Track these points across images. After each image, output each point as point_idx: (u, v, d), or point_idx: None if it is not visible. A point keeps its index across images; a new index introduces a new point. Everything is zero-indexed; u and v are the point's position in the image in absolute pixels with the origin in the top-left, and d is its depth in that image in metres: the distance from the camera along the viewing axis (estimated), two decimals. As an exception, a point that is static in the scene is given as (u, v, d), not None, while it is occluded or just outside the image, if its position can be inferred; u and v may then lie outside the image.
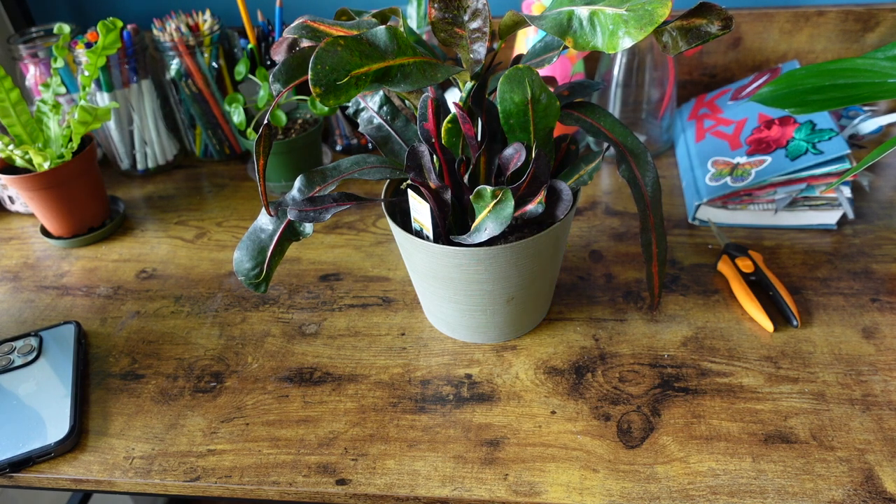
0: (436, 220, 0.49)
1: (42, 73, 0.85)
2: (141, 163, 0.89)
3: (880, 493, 0.44)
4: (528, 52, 0.52)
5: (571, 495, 0.45)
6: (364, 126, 0.54)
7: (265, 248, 0.49)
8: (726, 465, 0.46)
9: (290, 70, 0.39)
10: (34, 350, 0.59)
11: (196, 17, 0.84)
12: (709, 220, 0.69)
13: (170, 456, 0.51)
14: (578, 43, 0.38)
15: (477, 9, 0.43)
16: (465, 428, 0.51)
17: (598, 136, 0.50)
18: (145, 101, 0.86)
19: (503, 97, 0.45)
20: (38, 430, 0.52)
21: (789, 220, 0.67)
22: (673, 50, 0.39)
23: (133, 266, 0.73)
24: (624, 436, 0.49)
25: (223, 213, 0.80)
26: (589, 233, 0.70)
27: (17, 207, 0.84)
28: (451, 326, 0.58)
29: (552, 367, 0.55)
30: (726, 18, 0.38)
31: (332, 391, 0.55)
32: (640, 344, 0.56)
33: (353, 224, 0.75)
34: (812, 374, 0.52)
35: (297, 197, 0.48)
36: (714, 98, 0.82)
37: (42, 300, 0.69)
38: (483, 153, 0.50)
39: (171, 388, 0.57)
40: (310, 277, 0.68)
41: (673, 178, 0.77)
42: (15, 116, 0.71)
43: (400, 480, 0.47)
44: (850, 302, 0.58)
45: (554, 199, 0.49)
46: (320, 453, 0.50)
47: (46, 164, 0.71)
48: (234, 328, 0.62)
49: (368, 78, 0.36)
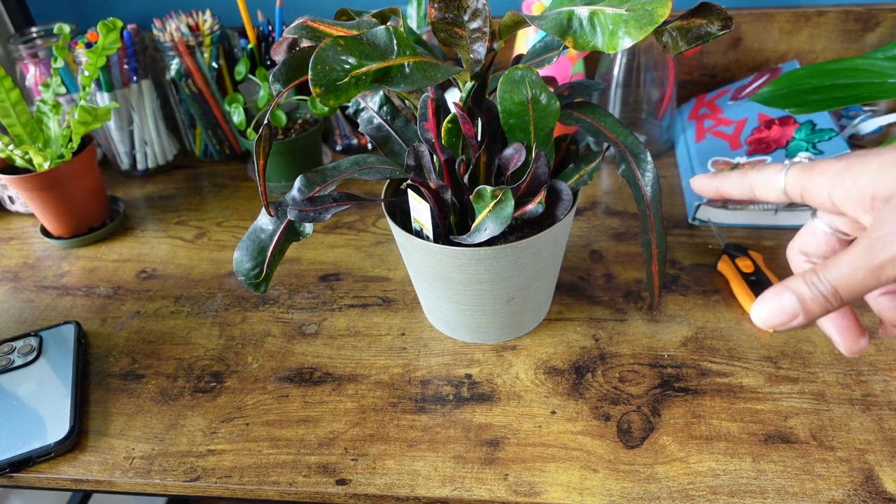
0: (436, 220, 0.49)
1: (42, 73, 0.85)
2: (141, 163, 0.89)
3: (880, 493, 0.44)
4: (528, 52, 0.52)
5: (571, 495, 0.45)
6: (364, 126, 0.54)
7: (265, 248, 0.49)
8: (726, 465, 0.46)
9: (290, 70, 0.39)
10: (34, 350, 0.59)
11: (196, 17, 0.84)
12: (709, 220, 0.69)
13: (170, 456, 0.51)
14: (578, 43, 0.38)
15: (477, 9, 0.43)
16: (465, 428, 0.51)
17: (598, 136, 0.50)
18: (145, 101, 0.86)
19: (503, 97, 0.45)
20: (38, 430, 0.52)
21: (789, 220, 0.67)
22: (673, 50, 0.39)
23: (133, 266, 0.72)
24: (624, 436, 0.49)
25: (223, 213, 0.80)
26: (589, 233, 0.70)
27: (17, 207, 0.84)
28: (451, 326, 0.58)
29: (552, 367, 0.55)
30: (726, 18, 0.38)
31: (332, 391, 0.55)
32: (640, 344, 0.56)
33: (353, 224, 0.75)
34: (812, 374, 0.52)
35: (297, 197, 0.48)
36: (714, 98, 0.82)
37: (42, 300, 0.69)
38: (483, 153, 0.50)
39: (171, 388, 0.57)
40: (310, 277, 0.68)
41: (673, 178, 0.77)
42: (15, 116, 0.71)
43: (400, 480, 0.47)
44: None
45: (554, 199, 0.49)
46: (320, 453, 0.50)
47: (46, 164, 0.71)
48: (234, 328, 0.62)
49: (368, 78, 0.36)
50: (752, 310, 0.31)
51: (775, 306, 0.30)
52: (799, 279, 0.30)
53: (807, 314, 0.30)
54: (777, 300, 0.30)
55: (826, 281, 0.29)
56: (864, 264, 0.29)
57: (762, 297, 0.31)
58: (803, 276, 0.30)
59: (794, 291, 0.30)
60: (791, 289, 0.30)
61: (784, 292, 0.30)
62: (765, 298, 0.31)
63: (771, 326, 0.31)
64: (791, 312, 0.30)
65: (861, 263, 0.29)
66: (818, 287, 0.29)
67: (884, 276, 0.28)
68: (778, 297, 0.30)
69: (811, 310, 0.30)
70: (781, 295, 0.30)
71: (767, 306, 0.31)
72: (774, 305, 0.30)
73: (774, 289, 0.31)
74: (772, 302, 0.30)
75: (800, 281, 0.30)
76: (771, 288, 0.31)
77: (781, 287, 0.30)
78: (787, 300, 0.30)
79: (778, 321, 0.30)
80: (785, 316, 0.30)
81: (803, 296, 0.30)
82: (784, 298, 0.30)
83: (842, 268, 0.29)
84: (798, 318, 0.30)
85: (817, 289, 0.29)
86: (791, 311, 0.30)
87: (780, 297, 0.30)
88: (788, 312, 0.30)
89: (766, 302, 0.31)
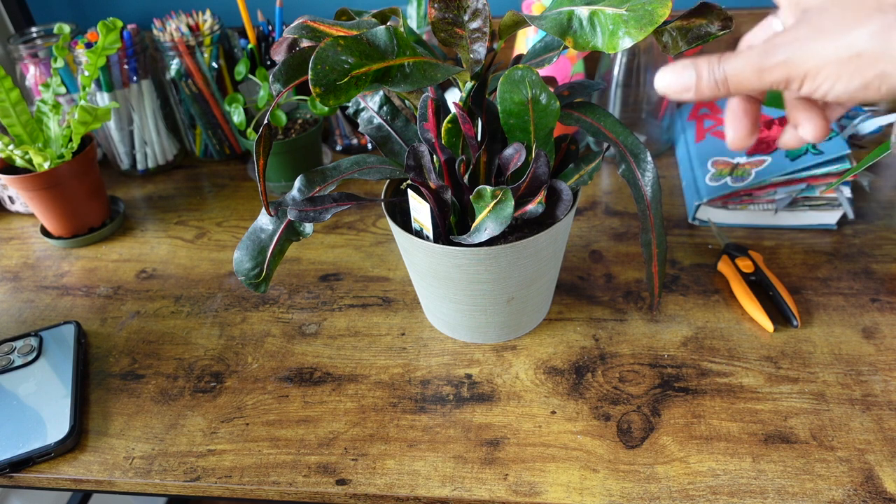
0: (436, 220, 0.49)
1: (42, 73, 0.85)
2: (141, 163, 0.89)
3: (880, 493, 0.44)
4: (528, 52, 0.52)
5: (571, 495, 0.45)
6: (364, 126, 0.54)
7: (265, 248, 0.49)
8: (726, 465, 0.46)
9: (290, 70, 0.39)
10: (34, 350, 0.59)
11: (196, 17, 0.84)
12: (709, 220, 0.69)
13: (170, 456, 0.51)
14: (578, 43, 0.38)
15: (477, 9, 0.43)
16: (465, 428, 0.51)
17: (598, 136, 0.50)
18: (145, 101, 0.86)
19: (503, 97, 0.45)
20: (38, 430, 0.52)
21: (789, 220, 0.67)
22: (673, 50, 0.39)
23: (133, 266, 0.73)
24: (624, 436, 0.49)
25: (223, 213, 0.80)
26: (589, 233, 0.70)
27: (17, 207, 0.84)
28: (451, 326, 0.58)
29: (552, 367, 0.55)
30: (726, 18, 0.38)
31: (332, 391, 0.55)
32: (640, 344, 0.56)
33: (353, 224, 0.75)
34: (812, 374, 0.52)
35: (297, 197, 0.48)
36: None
37: (42, 300, 0.69)
38: (483, 153, 0.50)
39: (171, 388, 0.57)
40: (310, 277, 0.68)
41: (673, 178, 0.77)
42: (15, 116, 0.71)
43: (400, 480, 0.47)
44: (850, 302, 0.58)
45: (554, 199, 0.49)
46: (320, 453, 0.50)
47: (46, 164, 0.71)
48: (234, 328, 0.62)
49: (368, 78, 0.36)
50: (657, 74, 0.35)
51: (676, 77, 0.35)
52: (704, 61, 0.34)
53: (698, 92, 0.34)
54: (680, 72, 0.34)
55: (721, 70, 0.33)
56: (755, 63, 0.32)
57: (672, 65, 0.35)
58: (708, 59, 0.34)
59: (696, 70, 0.34)
60: (695, 66, 0.34)
61: (689, 67, 0.34)
62: (673, 68, 0.35)
63: (666, 93, 0.35)
64: (686, 86, 0.34)
65: (753, 62, 0.32)
66: (714, 73, 0.33)
67: (767, 79, 0.32)
68: (682, 69, 0.34)
69: (701, 89, 0.34)
70: (685, 69, 0.34)
71: (671, 75, 0.35)
72: (676, 76, 0.35)
73: (683, 62, 0.34)
74: (676, 73, 0.35)
75: (704, 63, 0.34)
76: (681, 60, 0.34)
77: (690, 62, 0.34)
78: (687, 75, 0.34)
79: (672, 90, 0.35)
80: (679, 87, 0.35)
81: (701, 75, 0.34)
82: (686, 73, 0.34)
83: (737, 62, 0.33)
84: (690, 91, 0.34)
85: (713, 74, 0.34)
86: (686, 85, 0.34)
87: (684, 70, 0.34)
88: (684, 85, 0.34)
89: (671, 71, 0.35)
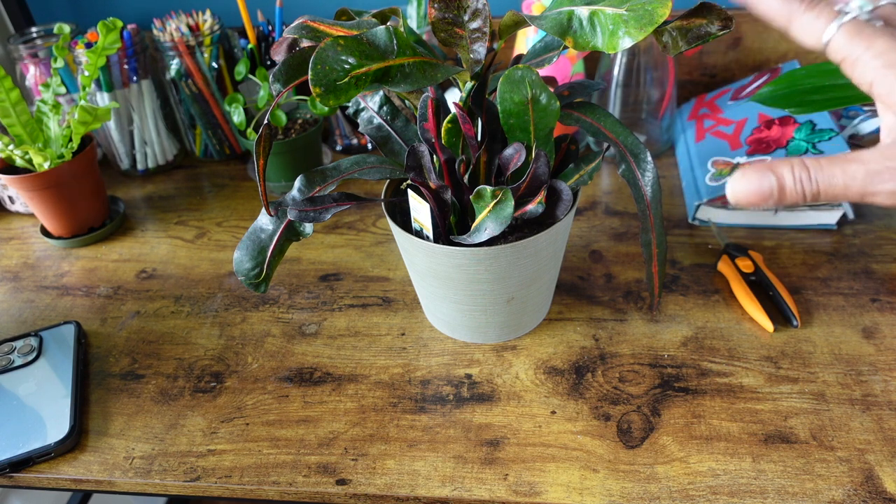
0: (436, 220, 0.49)
1: (42, 73, 0.85)
2: (141, 163, 0.89)
3: (880, 493, 0.44)
4: (528, 52, 0.52)
5: (571, 495, 0.45)
6: (364, 126, 0.54)
7: (265, 248, 0.49)
8: (726, 465, 0.46)
9: (290, 70, 0.39)
10: (34, 350, 0.59)
11: (196, 17, 0.84)
12: (709, 220, 0.69)
13: (170, 456, 0.51)
14: (578, 43, 0.38)
15: (477, 9, 0.43)
16: (465, 428, 0.51)
17: (598, 136, 0.50)
18: (145, 101, 0.86)
19: (503, 97, 0.45)
20: (38, 430, 0.52)
21: (789, 220, 0.67)
22: (673, 50, 0.39)
23: (133, 266, 0.73)
24: (624, 436, 0.49)
25: (223, 213, 0.80)
26: (589, 233, 0.70)
27: (17, 207, 0.84)
28: (451, 326, 0.58)
29: (552, 367, 0.55)
30: (726, 18, 0.38)
31: (332, 391, 0.55)
32: (640, 344, 0.56)
33: (353, 224, 0.75)
34: (812, 374, 0.52)
35: (297, 197, 0.48)
36: (714, 98, 0.82)
37: (42, 300, 0.69)
38: (483, 153, 0.50)
39: (171, 388, 0.57)
40: (310, 277, 0.68)
41: (673, 178, 0.77)
42: (15, 116, 0.71)
43: (400, 480, 0.47)
44: (850, 302, 0.58)
45: (554, 199, 0.49)
46: (320, 453, 0.50)
47: (46, 164, 0.71)
48: (234, 328, 0.62)
49: (368, 78, 0.36)
50: (729, 182, 0.30)
51: (755, 187, 0.30)
52: (786, 167, 0.29)
53: (778, 202, 0.29)
54: (759, 181, 0.29)
55: (815, 182, 0.29)
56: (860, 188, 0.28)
57: (745, 171, 0.30)
58: (792, 165, 0.29)
59: (778, 178, 0.29)
60: (777, 174, 0.29)
61: (767, 175, 0.29)
62: (747, 175, 0.30)
63: (741, 204, 0.30)
64: (765, 196, 0.30)
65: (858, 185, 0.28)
66: (804, 185, 0.29)
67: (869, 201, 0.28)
68: (760, 178, 0.29)
69: (784, 199, 0.29)
70: (764, 178, 0.29)
71: (747, 185, 0.30)
72: (755, 186, 0.30)
73: (759, 169, 0.30)
74: (751, 181, 0.30)
75: (786, 169, 0.29)
76: (755, 166, 0.30)
77: (766, 168, 0.29)
78: (767, 184, 0.29)
79: (749, 201, 0.30)
80: (757, 198, 0.30)
81: (784, 186, 0.29)
82: (765, 181, 0.29)
83: (837, 178, 0.28)
84: (770, 202, 0.30)
85: (802, 185, 0.29)
86: (765, 195, 0.29)
87: (762, 178, 0.29)
88: (762, 195, 0.30)
89: (747, 179, 0.30)
